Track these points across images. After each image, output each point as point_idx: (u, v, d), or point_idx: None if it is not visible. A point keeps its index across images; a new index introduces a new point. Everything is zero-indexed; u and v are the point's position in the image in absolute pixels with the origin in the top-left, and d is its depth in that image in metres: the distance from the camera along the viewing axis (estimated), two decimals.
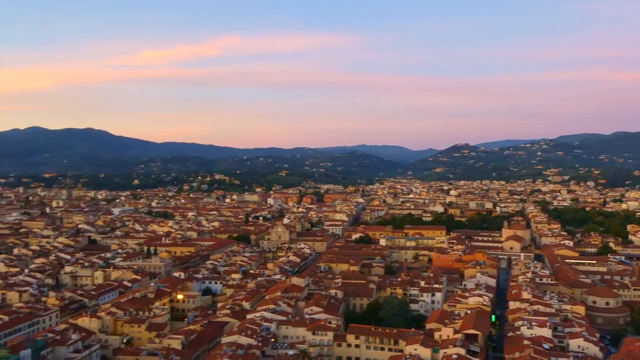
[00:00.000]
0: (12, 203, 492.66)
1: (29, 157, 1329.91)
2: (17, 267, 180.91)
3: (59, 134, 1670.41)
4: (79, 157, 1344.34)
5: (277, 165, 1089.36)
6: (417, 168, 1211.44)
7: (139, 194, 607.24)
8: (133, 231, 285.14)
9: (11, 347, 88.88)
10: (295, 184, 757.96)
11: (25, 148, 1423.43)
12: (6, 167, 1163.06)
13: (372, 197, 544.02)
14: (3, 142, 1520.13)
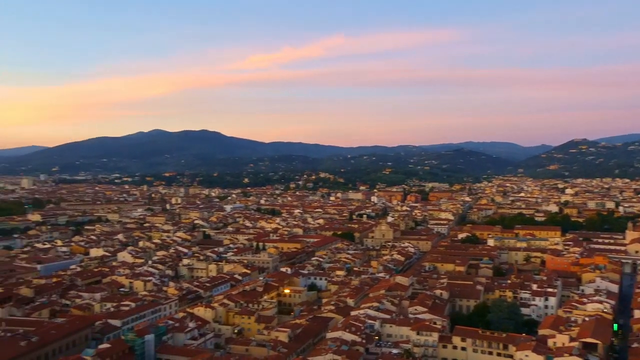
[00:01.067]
0: (137, 200, 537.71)
1: (151, 157, 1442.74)
2: (142, 259, 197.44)
3: (177, 136, 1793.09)
4: (195, 157, 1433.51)
5: (380, 164, 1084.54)
6: (528, 165, 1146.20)
7: (249, 192, 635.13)
8: (243, 227, 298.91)
9: (137, 331, 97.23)
10: (399, 182, 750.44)
11: (149, 149, 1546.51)
12: (133, 167, 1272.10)
13: (479, 196, 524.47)
14: (130, 144, 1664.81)
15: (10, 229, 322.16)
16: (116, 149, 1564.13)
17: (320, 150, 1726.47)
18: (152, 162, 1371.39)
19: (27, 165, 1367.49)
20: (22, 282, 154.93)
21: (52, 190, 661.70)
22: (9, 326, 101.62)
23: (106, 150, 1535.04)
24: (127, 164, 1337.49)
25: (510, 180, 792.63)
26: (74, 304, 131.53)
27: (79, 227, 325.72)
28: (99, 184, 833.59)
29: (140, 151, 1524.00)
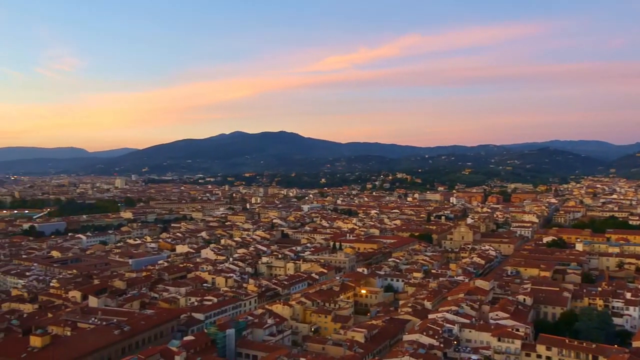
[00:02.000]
0: (219, 199, 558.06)
1: (232, 158, 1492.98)
2: (223, 256, 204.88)
3: (257, 138, 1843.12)
4: (273, 158, 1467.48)
5: (460, 164, 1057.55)
6: (621, 165, 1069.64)
7: (326, 192, 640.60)
8: (320, 227, 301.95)
9: (219, 326, 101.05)
10: (480, 182, 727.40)
11: (230, 150, 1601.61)
12: (215, 167, 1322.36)
13: (566, 197, 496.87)
14: (212, 145, 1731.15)
15: (105, 226, 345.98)
16: (200, 150, 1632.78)
17: (397, 150, 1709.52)
18: (233, 162, 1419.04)
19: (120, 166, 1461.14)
20: (115, 275, 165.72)
21: (142, 190, 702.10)
22: (104, 315, 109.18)
23: (191, 151, 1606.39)
24: (210, 165, 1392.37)
25: (601, 181, 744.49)
26: (162, 297, 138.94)
27: (166, 225, 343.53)
28: (184, 183, 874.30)
29: (222, 152, 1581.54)
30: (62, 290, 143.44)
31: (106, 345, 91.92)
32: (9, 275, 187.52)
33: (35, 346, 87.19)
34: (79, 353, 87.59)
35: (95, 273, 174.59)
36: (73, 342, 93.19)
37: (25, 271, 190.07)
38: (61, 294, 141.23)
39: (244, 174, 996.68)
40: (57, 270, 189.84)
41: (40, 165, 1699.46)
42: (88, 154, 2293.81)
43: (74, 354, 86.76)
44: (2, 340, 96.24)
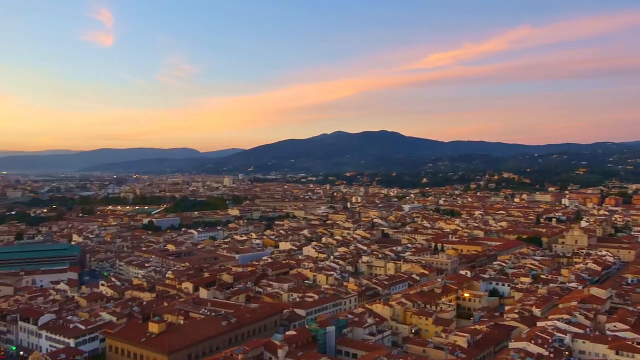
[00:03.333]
0: (320, 198, 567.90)
1: (333, 158, 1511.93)
2: (324, 254, 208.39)
3: (357, 137, 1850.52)
4: (374, 157, 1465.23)
5: (573, 163, 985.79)
6: None
7: (427, 192, 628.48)
8: (421, 227, 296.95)
9: (320, 322, 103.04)
10: (596, 183, 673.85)
11: (331, 150, 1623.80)
12: (317, 167, 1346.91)
13: None
14: (314, 145, 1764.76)
15: (215, 222, 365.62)
16: (303, 150, 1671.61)
17: (504, 148, 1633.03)
18: (334, 162, 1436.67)
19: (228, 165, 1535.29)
20: (223, 269, 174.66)
21: (248, 188, 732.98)
22: (213, 307, 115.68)
23: (294, 151, 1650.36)
24: (312, 164, 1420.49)
25: None
26: (265, 292, 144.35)
27: (270, 222, 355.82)
28: (287, 182, 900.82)
29: (324, 152, 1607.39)
30: (176, 282, 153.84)
31: (215, 335, 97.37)
32: (131, 265, 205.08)
33: (153, 332, 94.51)
34: (191, 340, 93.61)
35: (205, 266, 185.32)
36: (186, 330, 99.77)
37: (145, 262, 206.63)
38: (175, 284, 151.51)
39: (345, 174, 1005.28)
40: (172, 263, 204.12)
41: (158, 164, 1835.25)
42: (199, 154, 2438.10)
43: (187, 341, 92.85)
44: (125, 325, 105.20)
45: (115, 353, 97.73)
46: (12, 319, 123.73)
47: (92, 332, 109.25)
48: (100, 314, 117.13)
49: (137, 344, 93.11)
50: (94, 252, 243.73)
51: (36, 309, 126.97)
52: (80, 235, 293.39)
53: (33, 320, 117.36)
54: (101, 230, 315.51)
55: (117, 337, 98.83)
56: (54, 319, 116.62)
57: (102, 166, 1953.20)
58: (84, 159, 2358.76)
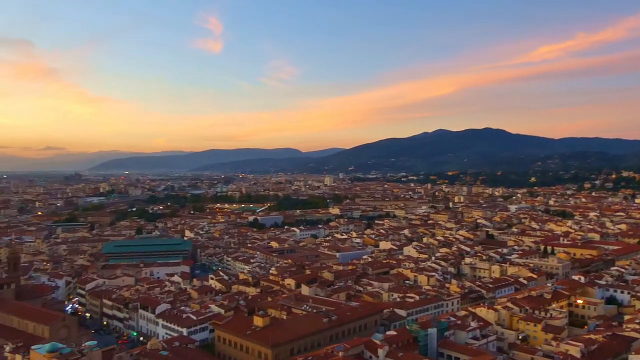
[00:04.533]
0: (421, 198, 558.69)
1: (435, 156, 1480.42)
2: (425, 254, 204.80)
3: (460, 135, 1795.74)
4: (477, 155, 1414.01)
5: None
6: None
7: (536, 192, 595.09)
8: (529, 229, 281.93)
9: (421, 324, 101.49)
10: None
11: (432, 149, 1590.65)
12: (417, 166, 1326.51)
13: None
14: (415, 144, 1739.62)
15: (316, 220, 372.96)
16: (403, 149, 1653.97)
17: (623, 145, 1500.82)
18: (435, 161, 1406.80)
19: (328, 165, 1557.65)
20: (324, 267, 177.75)
21: (349, 187, 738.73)
22: (315, 304, 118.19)
23: (394, 150, 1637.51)
24: (413, 163, 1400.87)
25: None
26: (366, 290, 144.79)
27: (370, 221, 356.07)
28: (387, 182, 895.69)
29: (425, 151, 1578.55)
30: (279, 278, 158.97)
31: (316, 332, 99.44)
32: (237, 261, 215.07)
33: (258, 325, 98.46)
34: (293, 336, 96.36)
35: (307, 264, 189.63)
36: (288, 325, 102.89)
37: (250, 258, 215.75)
38: (278, 280, 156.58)
39: (447, 173, 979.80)
40: (275, 259, 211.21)
41: (262, 164, 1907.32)
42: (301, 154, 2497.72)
43: (289, 336, 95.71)
44: (232, 318, 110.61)
45: (223, 343, 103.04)
46: (133, 307, 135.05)
47: (202, 322, 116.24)
48: (209, 306, 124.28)
49: (243, 336, 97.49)
50: (204, 247, 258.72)
51: (154, 298, 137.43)
52: (192, 231, 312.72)
53: (151, 309, 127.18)
54: (210, 227, 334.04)
55: (225, 328, 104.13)
56: (169, 309, 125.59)
57: (211, 166, 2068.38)
58: (195, 159, 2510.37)
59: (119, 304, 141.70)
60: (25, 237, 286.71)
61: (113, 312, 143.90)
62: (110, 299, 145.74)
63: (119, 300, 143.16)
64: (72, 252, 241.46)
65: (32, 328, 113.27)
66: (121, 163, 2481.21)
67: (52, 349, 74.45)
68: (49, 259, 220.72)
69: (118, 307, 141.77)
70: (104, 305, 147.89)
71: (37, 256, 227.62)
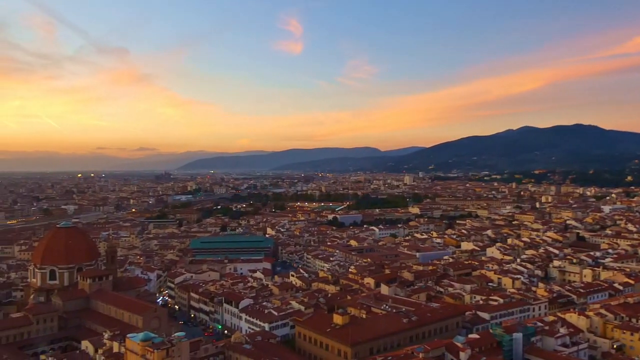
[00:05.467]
0: (506, 197, 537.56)
1: (520, 155, 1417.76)
2: (510, 256, 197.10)
3: (547, 132, 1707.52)
4: (567, 153, 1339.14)
5: None
6: None
7: (633, 192, 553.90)
8: (625, 231, 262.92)
9: (505, 328, 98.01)
10: None
11: (517, 147, 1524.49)
12: (501, 164, 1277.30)
13: None
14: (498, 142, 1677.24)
15: (395, 219, 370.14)
16: (485, 147, 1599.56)
17: None
18: (520, 159, 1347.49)
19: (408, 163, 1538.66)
20: (404, 267, 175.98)
21: (429, 187, 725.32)
22: (394, 304, 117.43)
23: (476, 148, 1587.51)
24: (496, 162, 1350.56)
25: None
26: (447, 292, 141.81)
27: (451, 221, 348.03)
28: (469, 181, 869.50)
29: (509, 148, 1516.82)
30: (359, 276, 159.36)
31: (396, 332, 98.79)
32: (317, 259, 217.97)
33: (337, 323, 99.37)
34: (373, 335, 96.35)
35: (387, 263, 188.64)
36: (368, 324, 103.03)
37: (329, 256, 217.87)
38: (358, 279, 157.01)
39: (533, 171, 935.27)
40: (354, 258, 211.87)
41: (341, 163, 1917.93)
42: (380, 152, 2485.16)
43: (369, 335, 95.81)
44: (312, 315, 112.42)
45: (303, 340, 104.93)
46: (218, 301, 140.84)
47: (283, 318, 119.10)
48: (290, 303, 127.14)
49: (323, 334, 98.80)
50: (285, 245, 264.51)
51: (237, 293, 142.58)
52: (273, 229, 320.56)
53: (235, 304, 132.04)
54: (291, 225, 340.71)
55: (305, 325, 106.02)
56: (251, 304, 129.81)
57: (292, 165, 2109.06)
58: (276, 158, 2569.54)
59: (205, 298, 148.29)
60: (121, 232, 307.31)
61: (200, 305, 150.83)
62: (197, 292, 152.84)
63: (205, 294, 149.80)
64: (162, 247, 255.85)
65: (127, 317, 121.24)
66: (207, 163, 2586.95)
67: (145, 338, 79.21)
68: (142, 253, 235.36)
69: (204, 301, 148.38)
70: (192, 298, 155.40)
71: (131, 250, 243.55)
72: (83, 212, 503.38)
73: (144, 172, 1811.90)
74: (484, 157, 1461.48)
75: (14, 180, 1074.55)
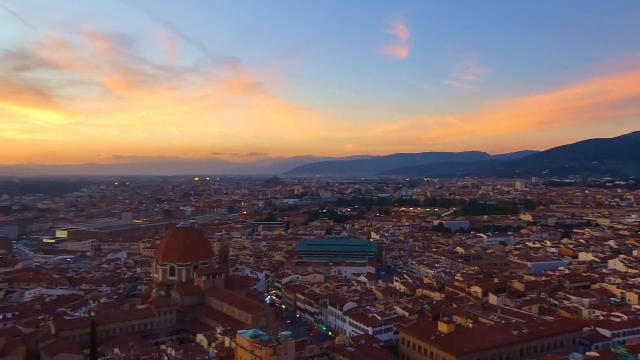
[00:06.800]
0: (631, 205, 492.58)
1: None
2: (636, 269, 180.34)
3: None
4: None
5: None
6: None
7: None
8: None
9: (630, 347, 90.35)
10: None
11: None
12: (626, 169, 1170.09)
13: None
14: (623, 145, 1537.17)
15: (505, 227, 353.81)
16: (608, 150, 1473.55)
17: None
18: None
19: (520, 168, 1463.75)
20: (514, 277, 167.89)
21: (543, 193, 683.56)
22: (503, 314, 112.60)
23: (598, 152, 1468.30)
24: (621, 167, 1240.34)
25: None
26: (562, 305, 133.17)
27: (568, 230, 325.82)
28: (589, 187, 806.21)
29: (636, 152, 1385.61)
30: (465, 285, 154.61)
31: (505, 344, 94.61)
32: (422, 265, 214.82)
33: (442, 332, 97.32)
34: (480, 346, 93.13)
35: (495, 272, 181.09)
36: (475, 334, 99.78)
37: (435, 263, 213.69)
38: (464, 287, 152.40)
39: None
40: (460, 265, 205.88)
41: (448, 168, 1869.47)
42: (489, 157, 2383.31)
43: (476, 346, 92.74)
44: (416, 322, 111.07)
45: (407, 346, 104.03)
46: (323, 303, 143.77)
47: (387, 323, 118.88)
48: (394, 308, 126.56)
49: (427, 341, 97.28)
50: (389, 250, 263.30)
51: (342, 296, 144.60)
52: (378, 233, 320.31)
53: (339, 306, 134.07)
54: (395, 230, 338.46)
55: (409, 331, 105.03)
56: (355, 307, 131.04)
57: (397, 170, 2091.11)
58: (381, 163, 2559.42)
59: (310, 299, 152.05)
60: (233, 234, 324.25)
61: (305, 306, 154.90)
62: (303, 293, 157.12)
63: (310, 295, 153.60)
64: (271, 248, 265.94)
65: (238, 314, 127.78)
66: (314, 167, 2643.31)
67: (255, 335, 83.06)
68: (251, 253, 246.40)
69: (310, 302, 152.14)
70: (298, 299, 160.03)
71: (242, 251, 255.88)
72: (199, 214, 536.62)
73: (254, 176, 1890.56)
74: (607, 162, 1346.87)
75: (141, 184, 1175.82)
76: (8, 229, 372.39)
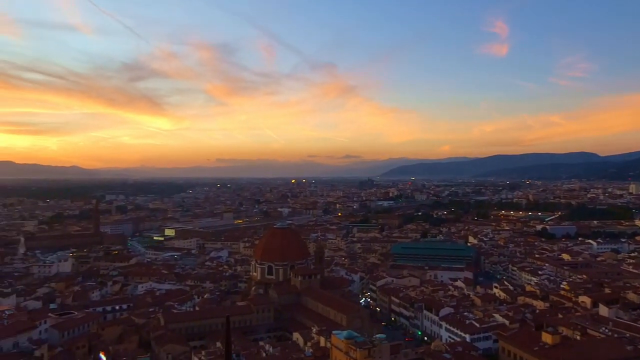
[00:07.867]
0: None
1: None
2: None
3: None
4: None
5: None
6: None
7: None
8: None
9: None
10: None
11: None
12: None
13: None
14: None
15: (617, 233, 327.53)
16: None
17: None
18: None
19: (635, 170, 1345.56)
20: (629, 287, 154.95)
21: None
22: (615, 327, 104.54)
23: None
24: None
25: None
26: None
27: None
28: None
29: None
30: (572, 294, 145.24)
31: (617, 359, 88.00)
32: (523, 271, 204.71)
33: (546, 342, 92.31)
34: (588, 359, 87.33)
35: (606, 281, 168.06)
36: (583, 347, 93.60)
37: (537, 270, 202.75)
38: (571, 297, 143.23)
39: None
40: (566, 273, 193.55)
41: (552, 170, 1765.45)
42: (599, 158, 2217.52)
43: (583, 359, 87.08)
44: (517, 330, 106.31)
45: (507, 356, 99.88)
46: (418, 307, 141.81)
47: (485, 331, 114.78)
48: (493, 315, 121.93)
49: (530, 352, 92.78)
50: (488, 255, 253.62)
51: (438, 301, 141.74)
52: (475, 237, 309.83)
53: (435, 311, 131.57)
54: (494, 234, 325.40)
55: (510, 340, 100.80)
56: (452, 313, 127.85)
57: (496, 172, 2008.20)
58: (478, 165, 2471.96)
59: (405, 303, 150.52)
60: (328, 235, 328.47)
61: (400, 310, 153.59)
62: (398, 297, 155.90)
63: (405, 299, 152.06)
64: (365, 250, 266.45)
65: (332, 315, 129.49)
66: (408, 169, 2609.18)
67: (349, 336, 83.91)
68: (346, 255, 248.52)
69: (405, 306, 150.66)
70: (392, 302, 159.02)
71: (337, 252, 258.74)
72: (295, 215, 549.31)
73: (349, 178, 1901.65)
74: None
75: (241, 185, 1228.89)
76: (124, 227, 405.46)
